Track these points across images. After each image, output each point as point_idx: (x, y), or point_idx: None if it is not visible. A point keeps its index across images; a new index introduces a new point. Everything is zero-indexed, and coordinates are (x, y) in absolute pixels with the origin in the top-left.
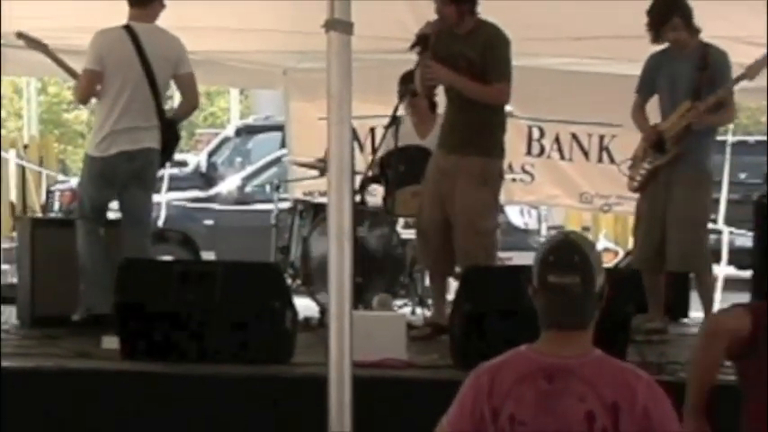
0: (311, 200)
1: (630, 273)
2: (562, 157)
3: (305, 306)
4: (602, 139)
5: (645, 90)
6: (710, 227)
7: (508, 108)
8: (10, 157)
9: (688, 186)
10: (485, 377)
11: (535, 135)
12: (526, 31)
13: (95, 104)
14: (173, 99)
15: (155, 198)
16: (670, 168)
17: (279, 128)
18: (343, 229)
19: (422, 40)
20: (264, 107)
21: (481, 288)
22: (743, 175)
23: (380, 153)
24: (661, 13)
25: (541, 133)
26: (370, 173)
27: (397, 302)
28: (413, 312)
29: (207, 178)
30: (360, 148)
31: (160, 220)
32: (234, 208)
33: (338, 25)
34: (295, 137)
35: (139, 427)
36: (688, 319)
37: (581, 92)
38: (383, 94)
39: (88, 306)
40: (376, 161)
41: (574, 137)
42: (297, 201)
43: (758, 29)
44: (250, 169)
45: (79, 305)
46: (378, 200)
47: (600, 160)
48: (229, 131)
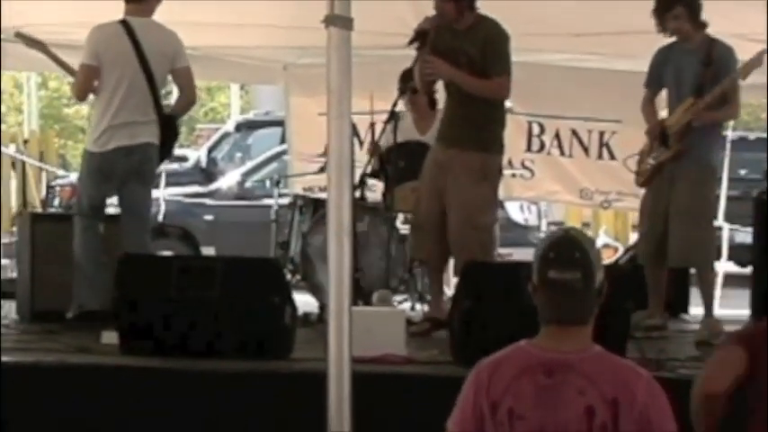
0: (311, 195)
1: (630, 269)
2: (562, 153)
3: (304, 301)
4: (602, 135)
5: (653, 84)
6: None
7: (508, 104)
8: (10, 151)
9: (691, 182)
10: (484, 373)
11: (535, 131)
12: (526, 26)
13: (93, 100)
14: (171, 95)
15: (154, 193)
16: (674, 164)
17: (279, 123)
18: (343, 224)
19: (420, 35)
20: (265, 102)
21: (481, 284)
22: (743, 172)
23: (381, 147)
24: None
25: (541, 129)
26: (369, 168)
27: (397, 298)
28: (412, 308)
29: (207, 173)
30: (359, 143)
31: (160, 215)
32: (234, 203)
33: (338, 21)
34: (295, 132)
35: (139, 422)
36: (688, 316)
37: (581, 88)
38: (383, 89)
39: (80, 303)
40: (377, 151)
41: (574, 133)
42: (297, 196)
43: (759, 25)
44: (250, 164)
45: (72, 302)
46: (377, 195)
47: (600, 156)
48: (229, 127)
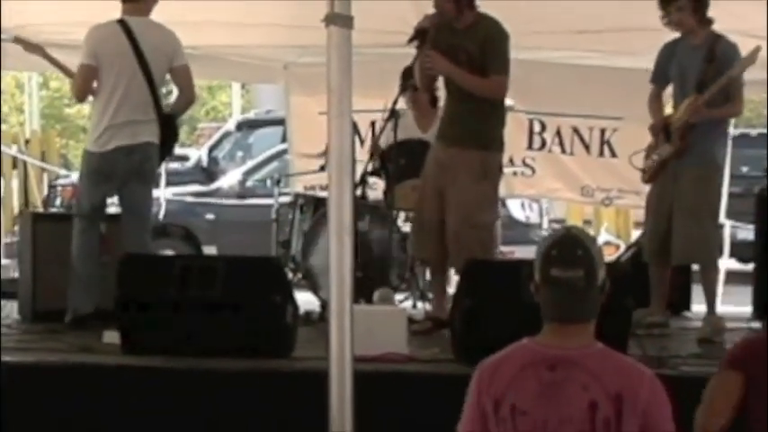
0: (312, 194)
1: (631, 266)
2: (563, 151)
3: (306, 300)
4: (603, 132)
5: (659, 80)
6: None
7: (509, 102)
8: (11, 151)
9: (694, 179)
10: (486, 372)
11: (536, 128)
12: (527, 24)
13: (93, 100)
14: (172, 94)
15: (154, 193)
16: (677, 161)
17: (280, 122)
18: (344, 223)
19: (420, 33)
20: (265, 101)
21: (482, 282)
22: (745, 169)
23: (381, 145)
24: None
25: (542, 127)
26: (370, 166)
27: (399, 297)
28: (414, 306)
29: (208, 173)
30: (360, 142)
31: (160, 214)
32: (235, 202)
33: (338, 20)
34: (296, 131)
35: (140, 422)
36: (690, 313)
37: (582, 85)
38: (384, 88)
39: (74, 308)
40: (377, 151)
41: (575, 130)
42: (297, 195)
43: (760, 21)
44: (251, 163)
45: (68, 306)
46: (378, 194)
47: (601, 154)
48: (230, 126)
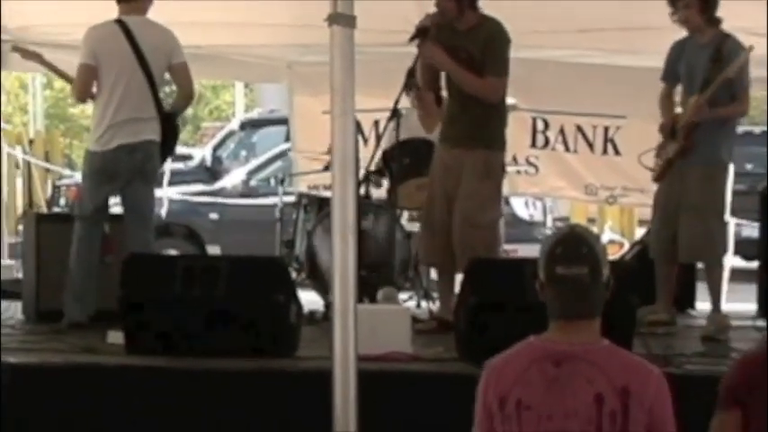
0: (316, 194)
1: (635, 264)
2: (567, 149)
3: (309, 300)
4: (606, 130)
5: (669, 78)
6: None
7: (512, 100)
8: (15, 152)
9: (699, 178)
10: (492, 372)
11: (540, 127)
12: (530, 23)
13: (94, 101)
14: (172, 94)
15: (157, 192)
16: (682, 160)
17: (283, 121)
18: (348, 222)
19: (421, 32)
20: (269, 101)
21: (486, 281)
22: (749, 166)
23: (383, 146)
24: None
25: (546, 125)
26: (373, 166)
27: (403, 296)
28: (418, 305)
29: (212, 172)
30: (364, 141)
31: (162, 213)
32: (239, 202)
33: (341, 19)
34: (299, 130)
35: (144, 422)
36: (695, 311)
37: (585, 84)
38: (387, 87)
39: (68, 315)
40: (382, 149)
41: (578, 129)
42: (301, 194)
43: (760, 19)
44: (255, 163)
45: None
46: (382, 193)
47: (605, 152)
48: (234, 125)
